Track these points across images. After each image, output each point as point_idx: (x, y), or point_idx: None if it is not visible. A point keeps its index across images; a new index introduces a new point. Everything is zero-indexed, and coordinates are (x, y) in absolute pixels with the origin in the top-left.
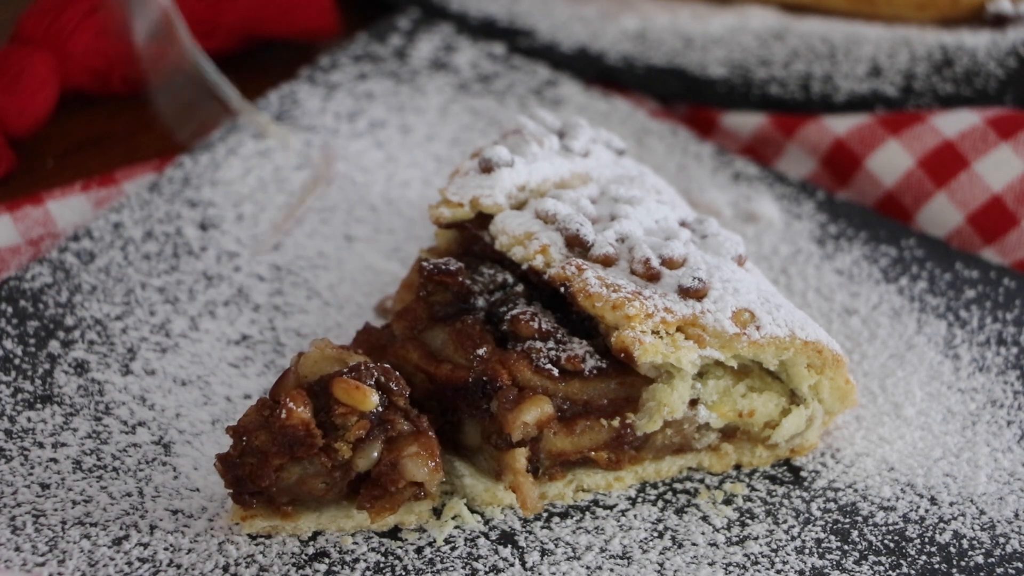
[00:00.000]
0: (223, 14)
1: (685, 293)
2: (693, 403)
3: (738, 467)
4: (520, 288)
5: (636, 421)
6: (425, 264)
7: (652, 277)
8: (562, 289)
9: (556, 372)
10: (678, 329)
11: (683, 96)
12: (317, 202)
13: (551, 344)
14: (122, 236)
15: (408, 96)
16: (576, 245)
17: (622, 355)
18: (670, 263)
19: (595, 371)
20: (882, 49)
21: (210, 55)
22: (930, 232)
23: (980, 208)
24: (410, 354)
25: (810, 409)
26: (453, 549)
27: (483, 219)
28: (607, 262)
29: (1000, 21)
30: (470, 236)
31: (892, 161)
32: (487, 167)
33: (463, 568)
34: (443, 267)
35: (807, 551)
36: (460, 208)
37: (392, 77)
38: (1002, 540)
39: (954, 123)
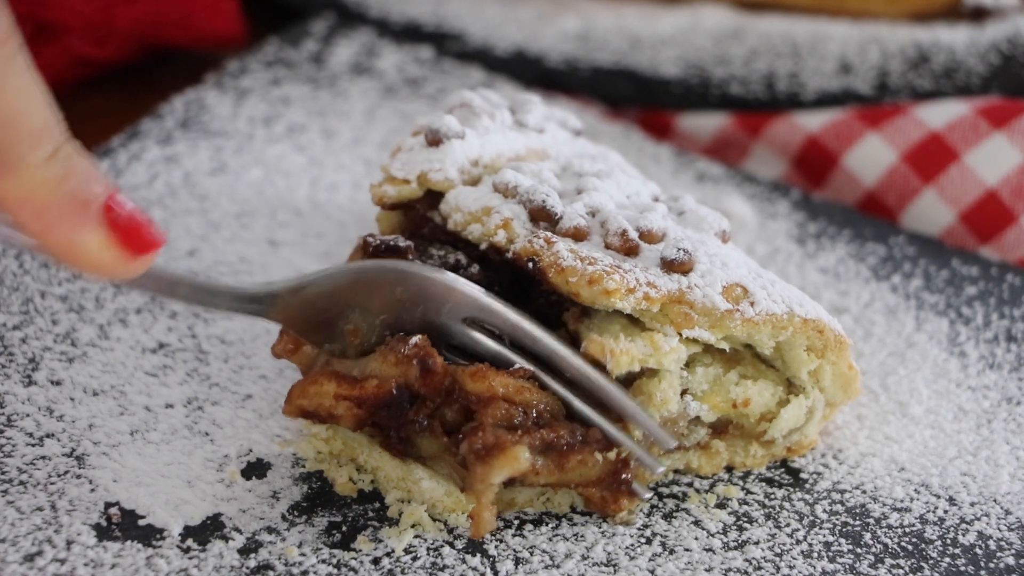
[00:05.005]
0: (116, 18)
1: (669, 266)
2: (681, 394)
3: (729, 470)
4: (475, 270)
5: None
6: (371, 240)
7: (630, 251)
8: (530, 265)
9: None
10: (662, 308)
11: (634, 98)
12: (233, 206)
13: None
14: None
15: (329, 100)
16: (542, 219)
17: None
18: (648, 236)
19: None
20: (850, 47)
21: (104, 63)
22: (919, 233)
23: (973, 205)
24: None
25: (810, 399)
26: (415, 559)
27: (432, 198)
28: (578, 236)
29: (979, 14)
30: (418, 217)
31: (873, 157)
32: (435, 139)
33: None
34: (391, 244)
35: (815, 555)
36: (406, 185)
37: (310, 82)
38: None
39: (940, 114)
